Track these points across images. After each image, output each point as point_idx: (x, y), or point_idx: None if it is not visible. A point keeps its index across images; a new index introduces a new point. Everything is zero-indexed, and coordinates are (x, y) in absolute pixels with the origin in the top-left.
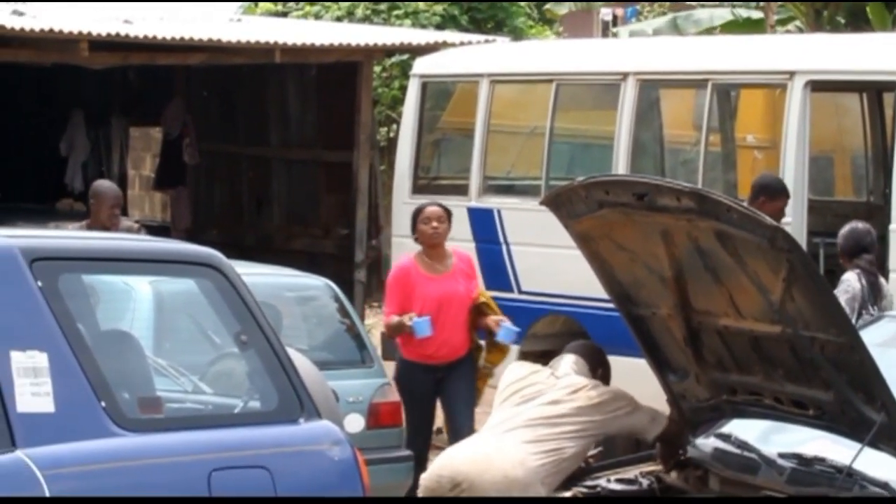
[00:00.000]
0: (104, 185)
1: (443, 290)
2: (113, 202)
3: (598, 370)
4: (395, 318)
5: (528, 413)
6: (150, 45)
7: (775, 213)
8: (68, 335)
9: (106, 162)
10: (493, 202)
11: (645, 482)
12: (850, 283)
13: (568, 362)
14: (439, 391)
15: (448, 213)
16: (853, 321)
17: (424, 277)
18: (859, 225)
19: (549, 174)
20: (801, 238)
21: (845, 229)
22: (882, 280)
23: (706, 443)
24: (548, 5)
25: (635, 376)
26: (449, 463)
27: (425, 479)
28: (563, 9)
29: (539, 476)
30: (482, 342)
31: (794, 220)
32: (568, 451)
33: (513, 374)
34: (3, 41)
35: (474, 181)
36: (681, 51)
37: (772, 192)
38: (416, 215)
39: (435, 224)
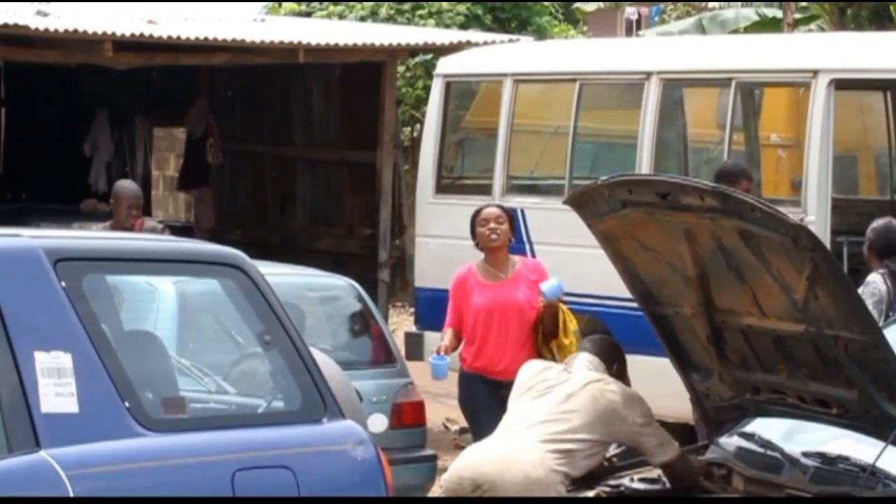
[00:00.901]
0: (123, 184)
1: (496, 299)
2: (130, 202)
3: (614, 365)
4: (442, 337)
5: (543, 409)
6: (174, 46)
7: None
8: (92, 335)
9: (130, 162)
10: (516, 202)
11: (668, 481)
12: (877, 284)
13: (582, 360)
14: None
15: (508, 215)
16: (880, 323)
17: (480, 285)
18: (895, 222)
19: (572, 174)
20: (825, 237)
21: (879, 225)
22: None
23: (730, 441)
24: (576, 4)
25: (659, 375)
26: (469, 464)
27: (446, 479)
28: (590, 6)
29: (559, 476)
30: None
31: (818, 219)
32: (580, 454)
33: (527, 371)
34: (27, 42)
35: (498, 181)
36: (704, 50)
37: (731, 176)
38: (474, 218)
39: (493, 225)
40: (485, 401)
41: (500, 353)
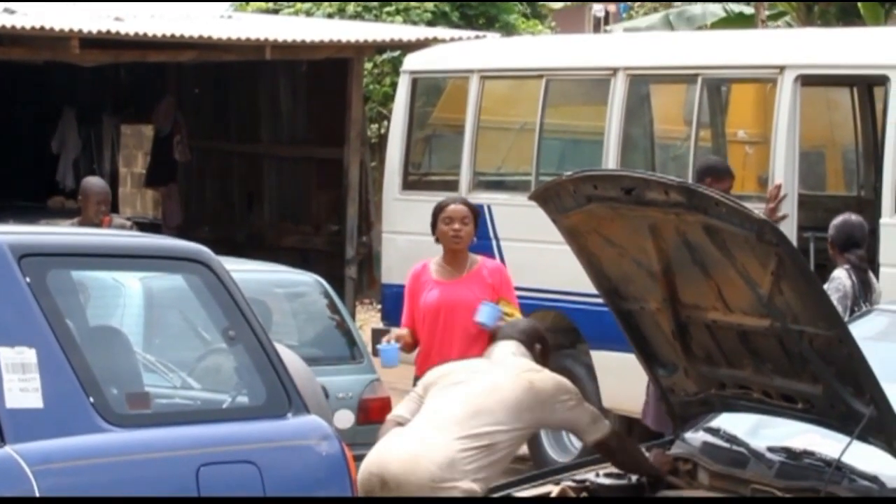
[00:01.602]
0: (91, 181)
1: (445, 297)
2: (98, 198)
3: (536, 346)
4: (392, 333)
5: (464, 400)
6: (142, 43)
7: None
8: (57, 331)
9: (97, 159)
10: (483, 198)
11: (634, 476)
12: (842, 280)
13: (506, 349)
14: None
15: (474, 213)
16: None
17: (432, 283)
18: (853, 217)
19: (539, 170)
20: (792, 233)
21: (838, 220)
22: (871, 276)
23: (695, 437)
24: (542, 1)
25: (626, 371)
26: (378, 460)
27: (359, 474)
28: (557, 4)
29: (469, 475)
30: None
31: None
32: (502, 445)
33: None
34: None
35: (464, 177)
36: (670, 46)
37: (717, 173)
38: (438, 213)
39: (457, 226)
40: None
41: (446, 355)
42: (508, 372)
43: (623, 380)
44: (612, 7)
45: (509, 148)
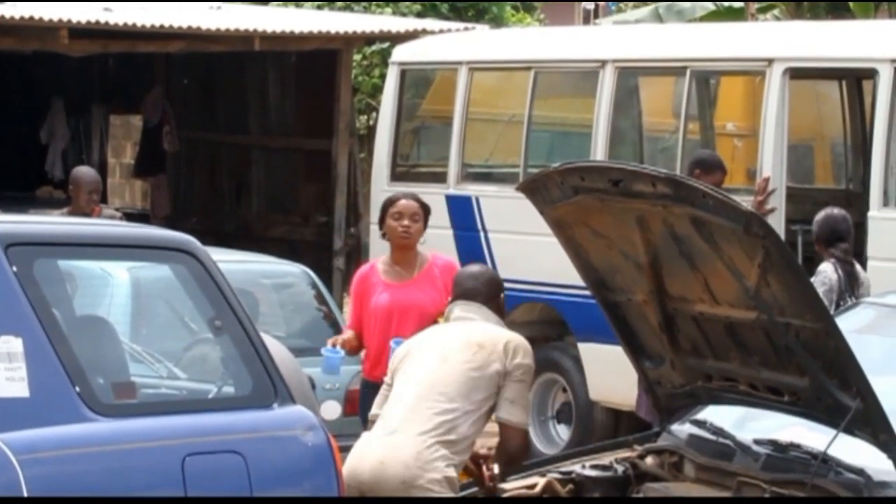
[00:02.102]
0: (82, 170)
1: (397, 300)
2: (90, 187)
3: (500, 297)
4: (338, 337)
5: (417, 385)
6: (130, 33)
7: None
8: (43, 320)
9: (86, 150)
10: (471, 190)
11: (620, 468)
12: (827, 274)
13: (461, 311)
14: None
15: (425, 210)
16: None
17: (382, 284)
18: (835, 211)
19: (527, 162)
20: (780, 226)
21: (820, 216)
22: (859, 268)
23: (681, 429)
24: None
25: (613, 364)
26: (350, 472)
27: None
28: None
29: (441, 461)
30: None
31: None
32: (463, 427)
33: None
34: None
35: (453, 169)
36: (659, 38)
37: (707, 166)
38: (387, 207)
39: (406, 222)
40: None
41: None
42: (463, 344)
43: (611, 372)
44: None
45: (497, 140)
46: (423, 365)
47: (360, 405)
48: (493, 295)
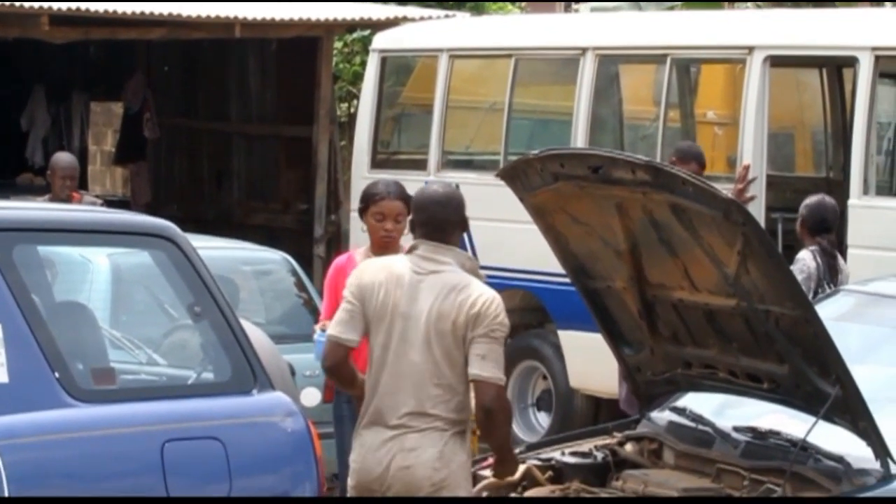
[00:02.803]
0: (59, 156)
1: None
2: (64, 173)
3: (463, 226)
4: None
5: (409, 375)
6: (111, 20)
7: None
8: (23, 306)
9: (66, 137)
10: (451, 177)
11: (599, 455)
12: (806, 262)
13: (429, 252)
14: None
15: (409, 207)
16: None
17: None
18: (827, 200)
19: (507, 149)
20: (760, 213)
21: (812, 201)
22: (841, 261)
23: (661, 416)
24: None
25: (594, 351)
26: (373, 479)
27: (354, 487)
28: None
29: (460, 452)
30: None
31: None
32: (462, 396)
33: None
34: None
35: (433, 156)
36: (640, 26)
37: (682, 155)
38: (368, 203)
39: (389, 226)
40: (349, 412)
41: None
42: (444, 316)
43: (591, 359)
44: None
45: (478, 127)
46: (408, 353)
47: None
48: (461, 221)
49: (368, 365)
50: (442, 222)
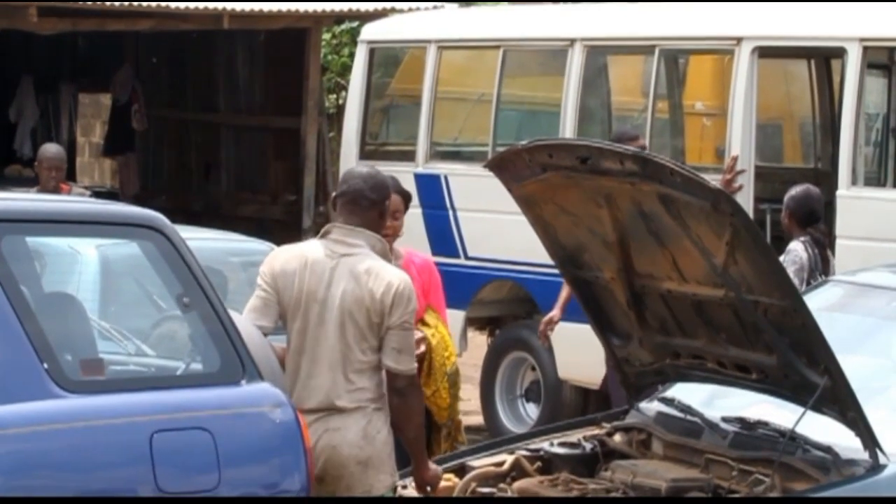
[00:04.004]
0: (46, 147)
1: None
2: (50, 164)
3: (382, 205)
4: None
5: (324, 360)
6: (100, 12)
7: None
8: (11, 297)
9: (55, 128)
10: (440, 168)
11: (588, 446)
12: (798, 252)
13: (342, 235)
14: None
15: (406, 200)
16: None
17: None
18: (812, 189)
19: (496, 140)
20: (748, 204)
21: (798, 192)
22: (829, 252)
23: (650, 407)
24: None
25: (582, 342)
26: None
27: None
28: None
29: (382, 429)
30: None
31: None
32: (377, 373)
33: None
34: None
35: (421, 147)
36: (628, 17)
37: (619, 140)
38: None
39: (387, 221)
40: None
41: None
42: (357, 304)
43: (579, 350)
44: None
45: (466, 118)
46: (325, 337)
47: None
48: (378, 201)
49: (287, 351)
50: (357, 194)
